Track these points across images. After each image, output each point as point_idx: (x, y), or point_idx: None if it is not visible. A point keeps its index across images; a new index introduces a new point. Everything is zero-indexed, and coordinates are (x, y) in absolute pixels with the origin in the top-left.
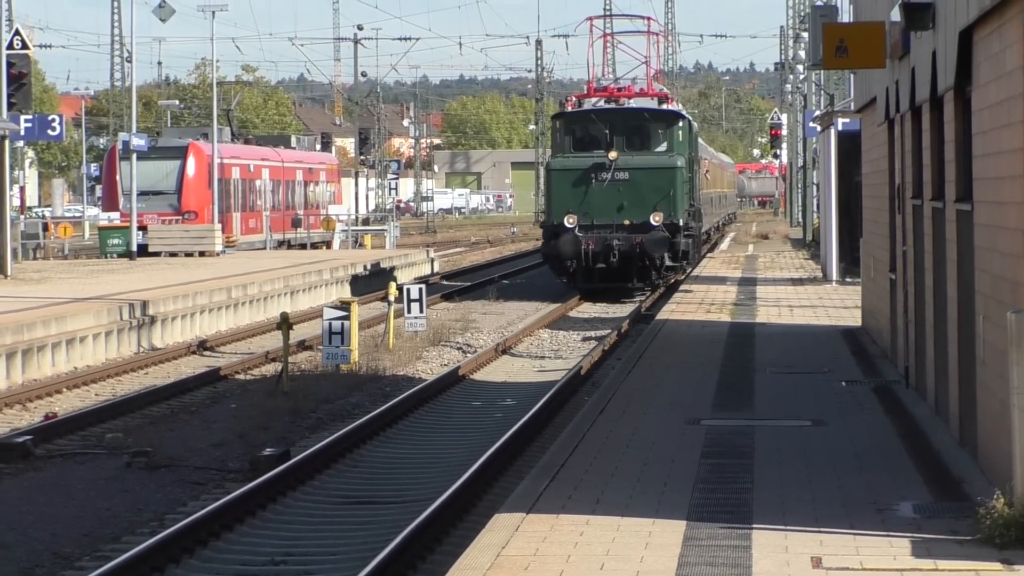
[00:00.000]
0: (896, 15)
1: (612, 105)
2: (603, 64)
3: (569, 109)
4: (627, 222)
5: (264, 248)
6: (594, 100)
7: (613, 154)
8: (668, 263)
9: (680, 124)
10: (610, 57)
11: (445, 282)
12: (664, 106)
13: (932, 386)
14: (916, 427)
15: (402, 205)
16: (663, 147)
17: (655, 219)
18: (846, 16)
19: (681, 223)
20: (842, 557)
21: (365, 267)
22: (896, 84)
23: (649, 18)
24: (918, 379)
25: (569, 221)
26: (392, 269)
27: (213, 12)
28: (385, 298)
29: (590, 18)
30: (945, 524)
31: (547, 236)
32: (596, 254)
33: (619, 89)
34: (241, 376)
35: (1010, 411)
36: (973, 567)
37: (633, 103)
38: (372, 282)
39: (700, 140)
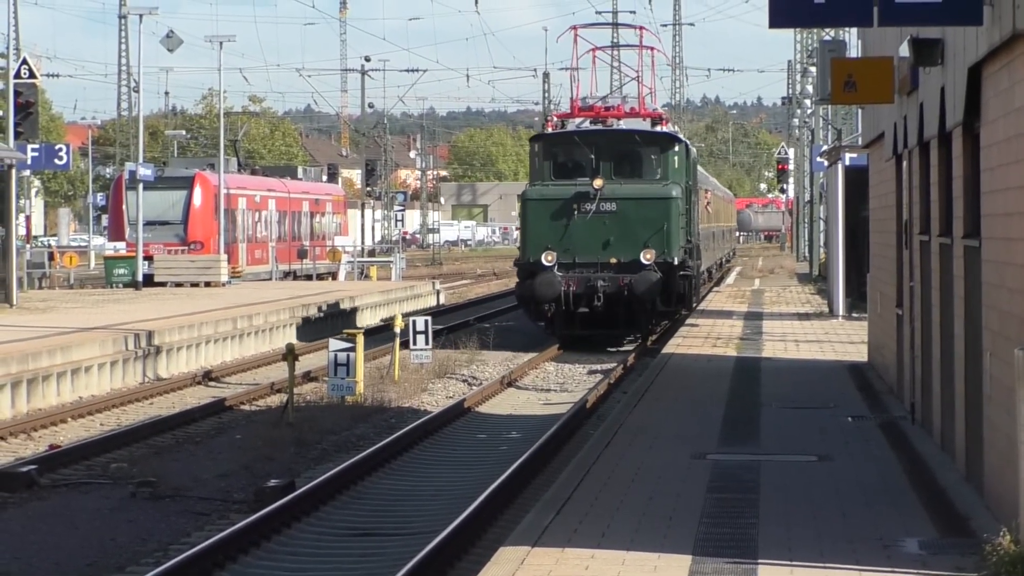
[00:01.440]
0: (905, 50)
1: (599, 126)
2: (591, 82)
3: (549, 131)
4: (614, 260)
5: (270, 279)
6: (579, 121)
7: (598, 182)
8: (660, 307)
9: (676, 148)
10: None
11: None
12: (658, 128)
13: (938, 422)
14: (922, 463)
15: (408, 237)
16: (656, 175)
17: (646, 257)
18: (854, 51)
19: (676, 262)
20: None
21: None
22: (904, 119)
23: (642, 28)
24: (924, 415)
25: (547, 259)
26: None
27: (220, 43)
28: (391, 329)
29: (574, 27)
30: (951, 561)
31: (522, 276)
32: (578, 297)
33: (607, 108)
34: (246, 407)
35: (1017, 448)
36: None
37: (623, 124)
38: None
39: (700, 168)
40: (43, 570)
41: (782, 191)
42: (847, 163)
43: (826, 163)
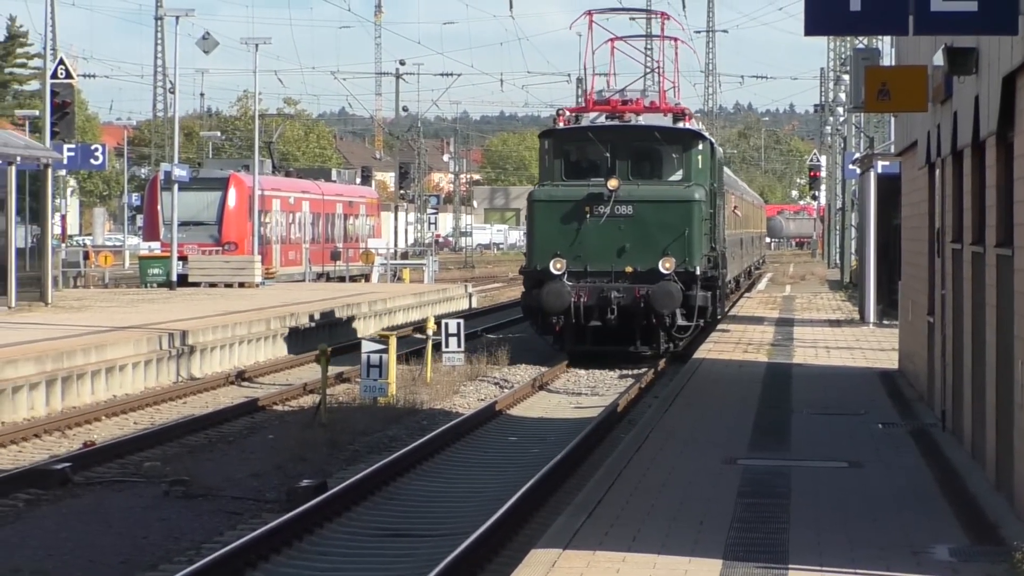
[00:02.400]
0: (939, 59)
1: (615, 122)
2: (609, 74)
3: (561, 125)
4: (629, 269)
5: (303, 280)
6: (593, 116)
7: (613, 183)
8: (680, 322)
9: (699, 147)
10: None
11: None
12: (680, 124)
13: (969, 430)
14: (952, 471)
15: (441, 240)
16: (677, 175)
17: (665, 266)
18: (888, 59)
19: (698, 271)
20: None
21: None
22: (938, 128)
23: (664, 15)
24: (955, 423)
25: (556, 267)
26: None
27: (256, 45)
28: (423, 332)
29: (589, 12)
30: (981, 568)
31: (528, 285)
32: (589, 309)
33: (624, 102)
34: (279, 407)
35: None
36: None
37: (642, 120)
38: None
39: (727, 171)
40: (77, 567)
41: (814, 198)
42: (879, 171)
43: (858, 170)
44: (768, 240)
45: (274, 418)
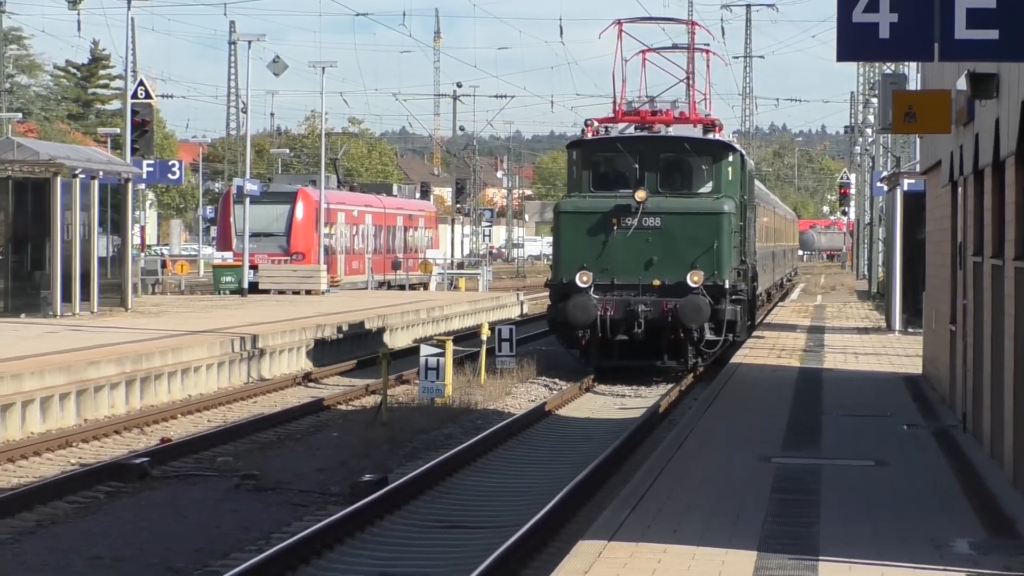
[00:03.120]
0: (962, 84)
1: (644, 132)
2: (640, 86)
3: (589, 136)
4: (657, 282)
5: (366, 288)
6: (622, 126)
7: (641, 194)
8: (709, 336)
9: (730, 159)
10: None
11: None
12: (710, 135)
13: (988, 431)
14: (972, 469)
15: (494, 251)
16: (707, 187)
17: (693, 279)
18: (913, 84)
19: (727, 285)
20: None
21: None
22: (960, 148)
23: (694, 23)
24: (975, 424)
25: (582, 280)
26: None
27: (323, 68)
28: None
29: (619, 21)
30: (999, 560)
31: (554, 297)
32: (616, 323)
33: (654, 113)
34: (343, 407)
35: None
36: None
37: (671, 131)
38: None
39: (759, 184)
40: (154, 555)
41: (844, 213)
42: (905, 188)
43: (885, 188)
44: (801, 252)
45: (338, 417)
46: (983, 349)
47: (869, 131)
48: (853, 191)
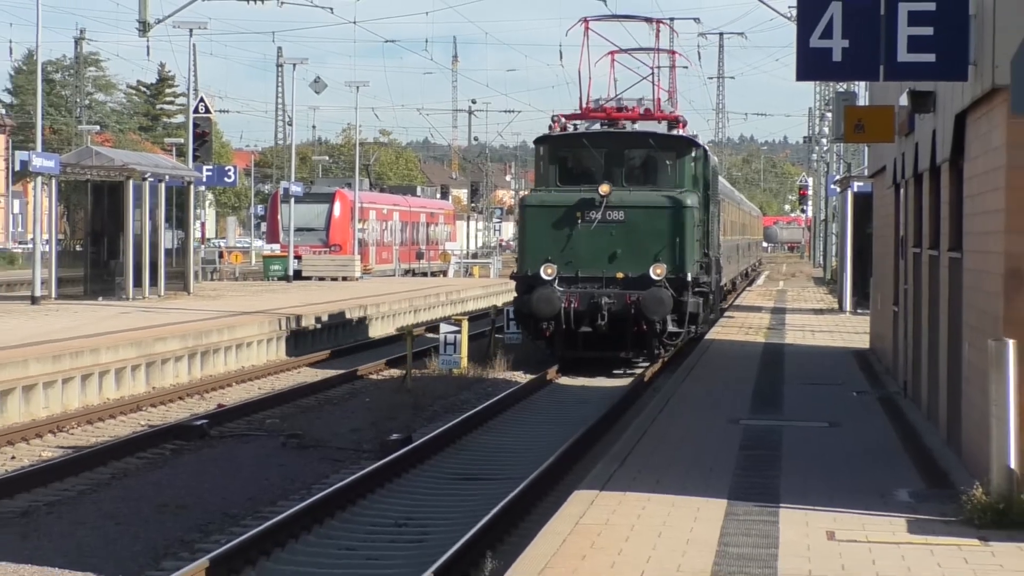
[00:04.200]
0: (904, 100)
1: (609, 129)
2: (609, 86)
3: (556, 132)
4: (620, 275)
5: (393, 275)
6: (589, 123)
7: (604, 188)
8: (672, 328)
9: (693, 154)
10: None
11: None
12: (675, 131)
13: (926, 397)
14: (912, 429)
15: (504, 243)
16: (671, 182)
17: (656, 272)
18: (862, 100)
19: (690, 278)
20: (851, 532)
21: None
22: (902, 156)
23: (659, 21)
24: (914, 391)
25: (547, 272)
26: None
27: (357, 87)
28: (489, 316)
29: (585, 20)
30: (935, 507)
31: (520, 290)
32: (580, 315)
33: (619, 110)
34: (373, 376)
35: (988, 420)
36: (956, 542)
37: (636, 127)
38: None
39: (725, 181)
40: (212, 504)
41: (802, 211)
42: (855, 190)
43: (838, 190)
44: (765, 245)
45: (370, 385)
46: (921, 327)
47: (824, 141)
48: (810, 192)
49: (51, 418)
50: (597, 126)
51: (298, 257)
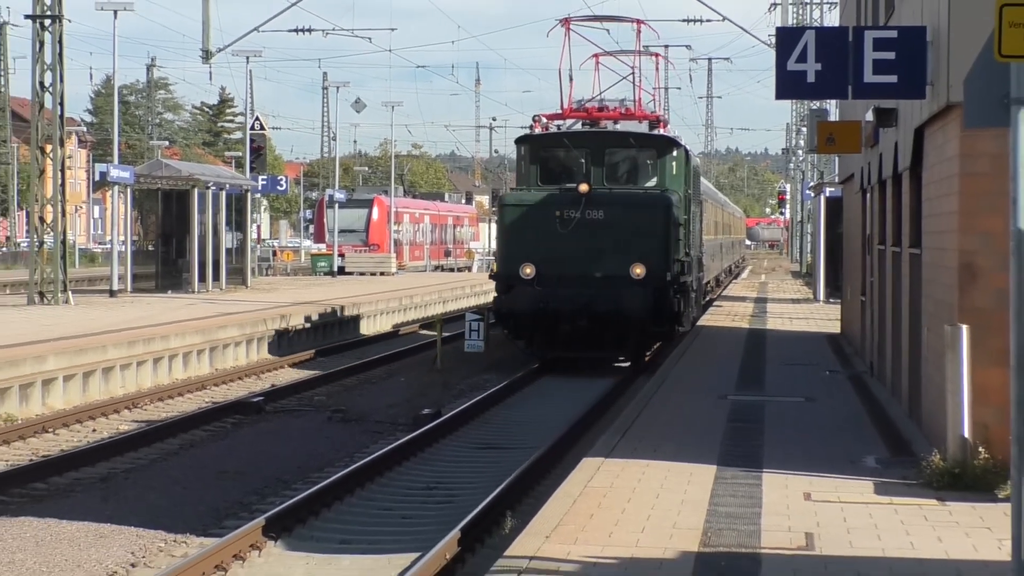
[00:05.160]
0: (870, 116)
1: (590, 128)
2: (593, 88)
3: (537, 132)
4: (600, 274)
5: (424, 271)
6: (570, 122)
7: (584, 187)
8: (652, 327)
9: (674, 153)
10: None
11: None
12: (656, 131)
13: (890, 375)
14: (878, 404)
15: None
16: (651, 181)
17: (636, 271)
18: (833, 116)
19: (670, 277)
20: (825, 493)
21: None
22: (868, 164)
23: (640, 21)
24: (880, 370)
25: (526, 272)
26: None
27: (393, 106)
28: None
29: (566, 20)
30: (898, 472)
31: (499, 289)
32: (560, 314)
33: (600, 109)
34: (407, 359)
35: (945, 395)
36: (917, 502)
37: (618, 127)
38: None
39: (708, 183)
40: (268, 470)
41: (781, 214)
42: (827, 195)
43: (812, 195)
44: (749, 243)
45: (404, 366)
46: (885, 314)
47: (800, 152)
48: (788, 197)
49: (127, 396)
50: (579, 126)
51: (341, 255)
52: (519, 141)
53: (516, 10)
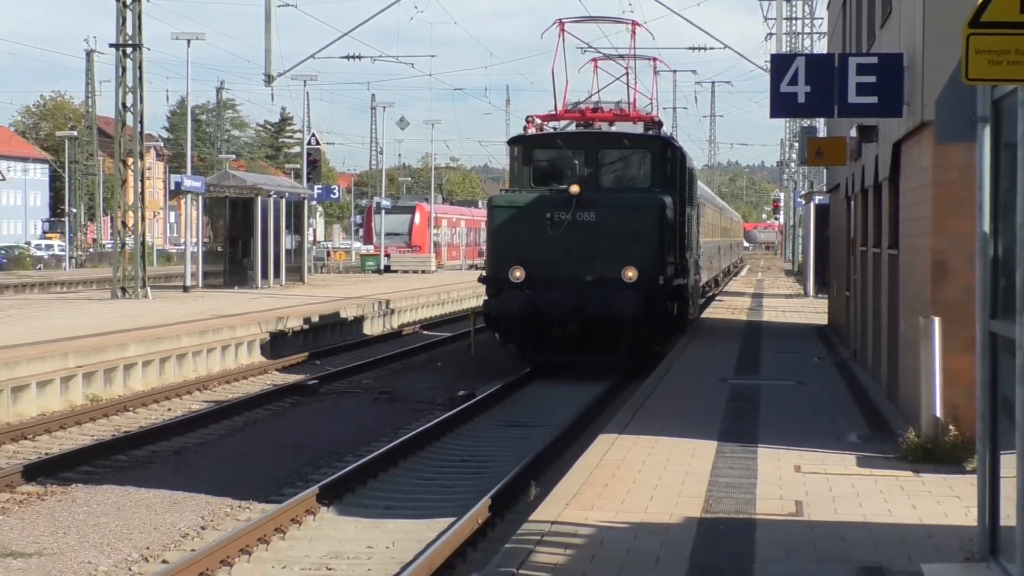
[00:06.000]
0: (854, 132)
1: (584, 129)
2: (591, 90)
3: (530, 132)
4: (591, 277)
5: (460, 269)
6: (564, 123)
7: (575, 188)
8: (644, 330)
9: (668, 154)
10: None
11: None
12: (651, 132)
13: (871, 361)
14: (860, 387)
15: None
16: (646, 183)
17: (628, 274)
18: (821, 132)
19: (662, 280)
20: (813, 465)
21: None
22: (852, 175)
23: (635, 23)
24: (862, 357)
25: (515, 275)
26: None
27: (432, 124)
28: None
29: (560, 21)
30: (878, 447)
31: (489, 292)
32: (549, 318)
33: (595, 111)
34: (446, 346)
35: (919, 379)
36: (894, 474)
37: (613, 128)
38: None
39: (705, 187)
40: (322, 444)
41: (776, 219)
42: (816, 202)
43: (803, 202)
44: (746, 245)
45: (443, 353)
46: (867, 308)
47: (792, 164)
48: (782, 204)
49: (198, 379)
50: (572, 127)
51: (387, 255)
52: (511, 142)
53: (543, 39)
